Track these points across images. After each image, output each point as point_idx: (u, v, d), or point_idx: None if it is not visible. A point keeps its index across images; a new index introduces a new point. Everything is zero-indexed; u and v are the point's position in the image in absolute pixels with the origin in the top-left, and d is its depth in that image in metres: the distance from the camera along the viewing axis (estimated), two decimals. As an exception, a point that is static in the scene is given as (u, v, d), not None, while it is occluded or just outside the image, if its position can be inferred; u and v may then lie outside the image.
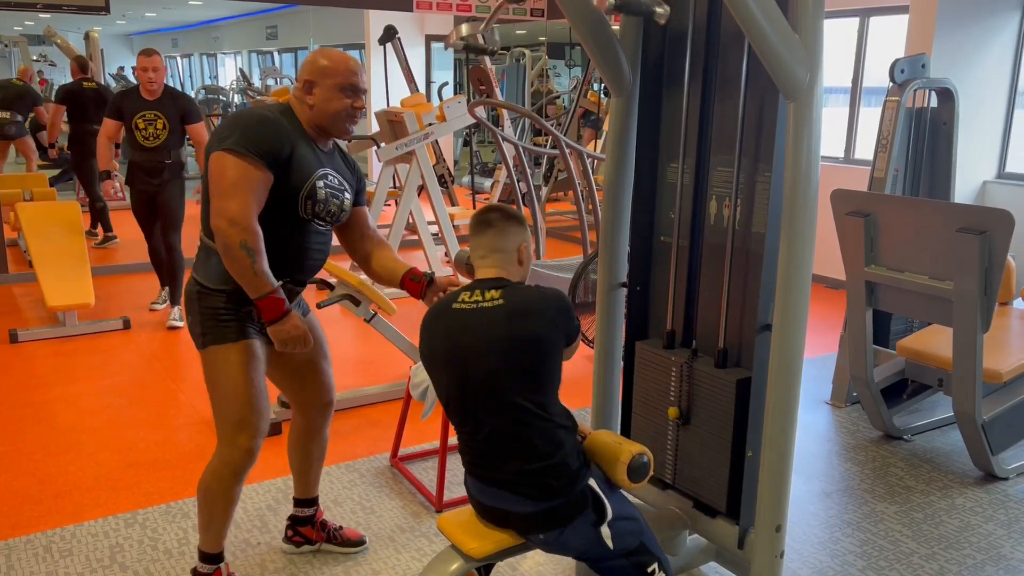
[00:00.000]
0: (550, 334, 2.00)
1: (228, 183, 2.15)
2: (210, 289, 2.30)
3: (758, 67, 2.15)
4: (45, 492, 3.19)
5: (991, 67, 5.63)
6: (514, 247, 2.13)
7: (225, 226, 2.14)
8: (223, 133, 2.21)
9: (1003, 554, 2.89)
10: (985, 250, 3.01)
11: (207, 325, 2.31)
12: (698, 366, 2.49)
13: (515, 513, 2.02)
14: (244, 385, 2.33)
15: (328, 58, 2.32)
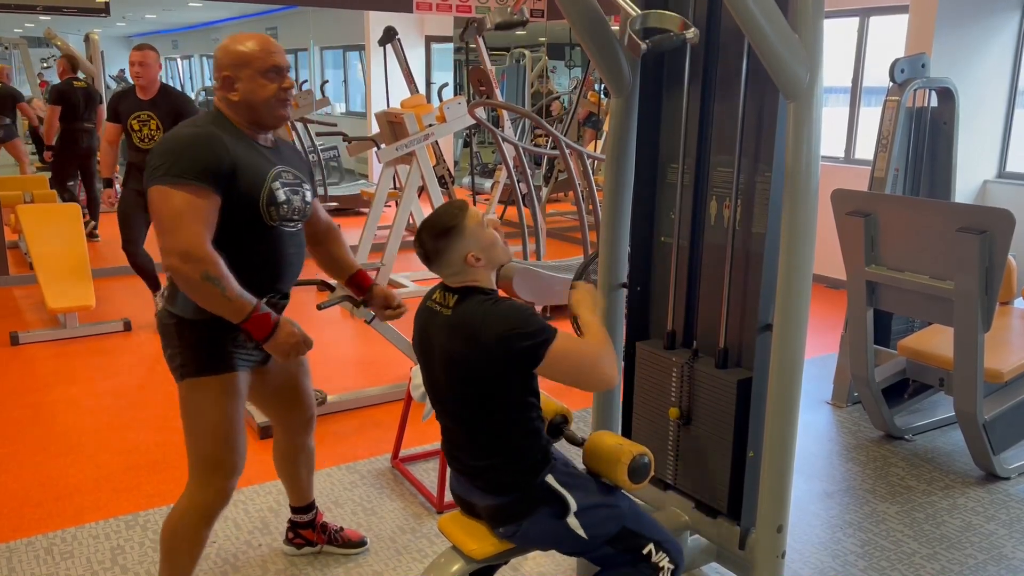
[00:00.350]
0: (481, 362, 1.90)
1: (172, 217, 1.98)
2: (189, 320, 2.14)
3: (758, 67, 2.15)
4: (46, 494, 3.19)
5: (991, 66, 5.62)
6: (459, 260, 1.96)
7: (179, 263, 1.98)
8: (155, 163, 2.03)
9: (1005, 554, 2.88)
10: (986, 249, 3.01)
11: (187, 356, 2.17)
12: (699, 366, 2.48)
13: (478, 505, 2.06)
14: (223, 422, 2.19)
15: (241, 44, 2.13)
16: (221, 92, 2.15)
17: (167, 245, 1.99)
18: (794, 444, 2.22)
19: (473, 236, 1.96)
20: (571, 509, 1.99)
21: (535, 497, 1.99)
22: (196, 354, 2.16)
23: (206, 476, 2.22)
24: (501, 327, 1.87)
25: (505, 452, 2.00)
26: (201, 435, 2.20)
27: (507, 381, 1.94)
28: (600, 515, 2.03)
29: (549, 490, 1.99)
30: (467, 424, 2.02)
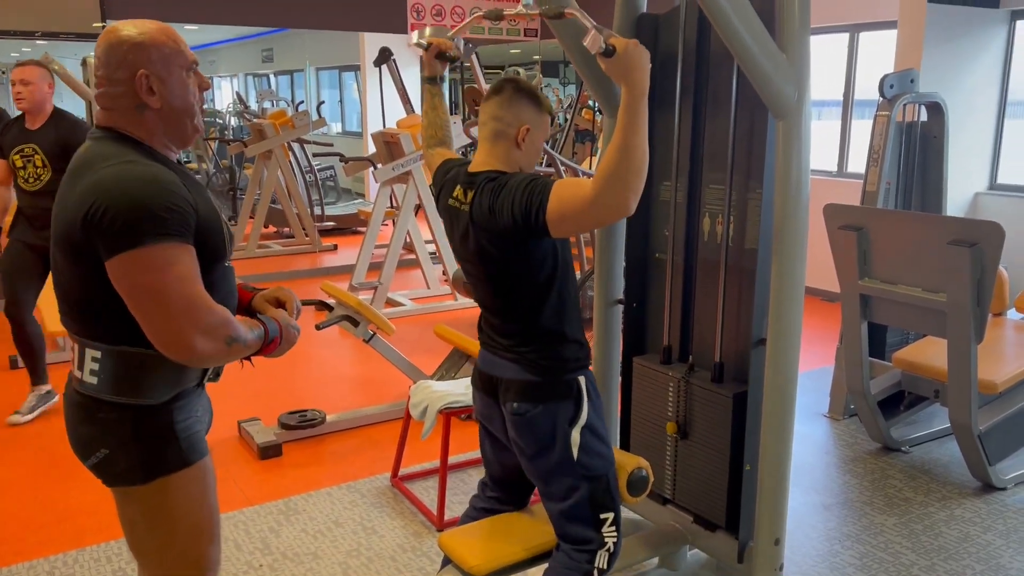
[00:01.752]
0: (500, 247, 1.93)
1: (181, 293, 1.54)
2: (155, 407, 1.67)
3: (747, 87, 2.19)
4: (47, 517, 3.20)
5: (980, 80, 5.69)
6: (514, 122, 1.97)
7: (205, 343, 1.56)
8: (121, 225, 1.50)
9: (1002, 564, 2.90)
10: (977, 262, 3.05)
11: (149, 452, 1.67)
12: (695, 381, 2.51)
13: (501, 379, 2.06)
14: (210, 515, 1.78)
15: (150, 35, 1.63)
16: (130, 100, 1.63)
17: (182, 327, 1.54)
18: (790, 457, 2.24)
19: (541, 123, 2.01)
20: (581, 420, 2.01)
21: (560, 389, 2.01)
22: (165, 446, 1.68)
23: None
24: (507, 203, 1.89)
25: (548, 341, 2.01)
26: (182, 541, 1.74)
27: (527, 256, 1.94)
28: (598, 448, 2.05)
29: (576, 390, 2.01)
30: (506, 313, 2.03)
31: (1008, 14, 5.65)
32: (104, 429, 1.66)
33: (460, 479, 3.48)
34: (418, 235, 6.67)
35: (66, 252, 1.60)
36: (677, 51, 2.47)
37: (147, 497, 1.68)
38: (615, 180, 1.72)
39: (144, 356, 1.62)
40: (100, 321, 1.62)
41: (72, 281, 1.62)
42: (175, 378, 1.67)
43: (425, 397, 3.19)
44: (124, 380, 1.63)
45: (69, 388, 1.72)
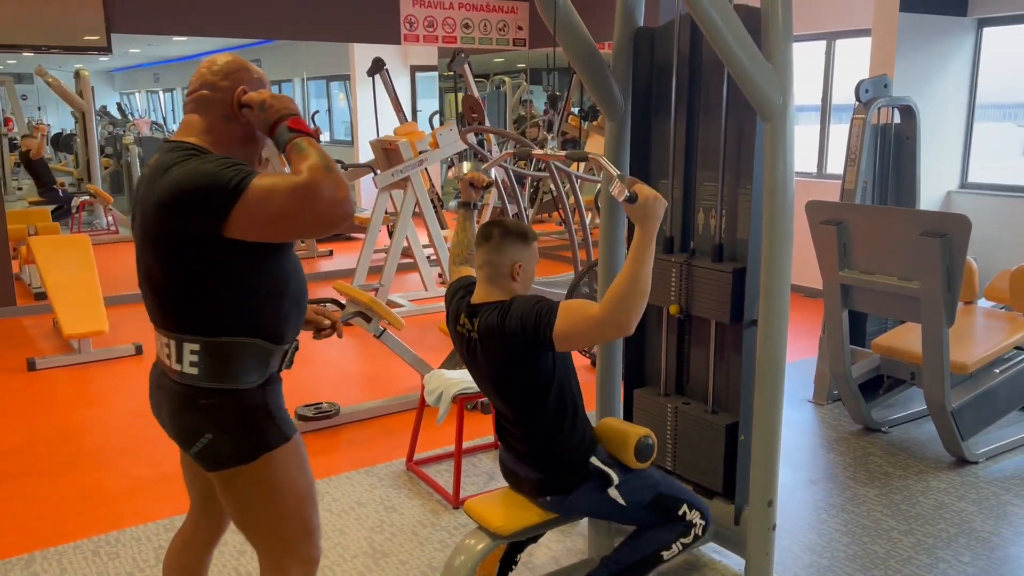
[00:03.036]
0: (507, 363, 2.18)
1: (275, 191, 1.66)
2: (244, 390, 1.82)
3: (737, 92, 2.44)
4: (86, 504, 3.40)
5: (950, 85, 6.00)
6: (507, 263, 2.23)
7: (330, 194, 1.65)
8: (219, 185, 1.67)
9: (974, 528, 3.16)
10: (946, 251, 3.32)
11: (252, 432, 1.84)
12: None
13: (525, 477, 2.35)
14: (309, 485, 1.94)
15: (261, 75, 1.90)
16: (222, 108, 1.83)
17: (306, 207, 1.65)
18: (780, 423, 2.48)
19: (531, 256, 2.28)
20: (613, 482, 2.29)
21: (581, 473, 2.29)
22: (260, 425, 1.85)
23: (303, 550, 1.95)
24: (517, 314, 2.15)
25: (554, 446, 2.28)
26: (292, 510, 1.90)
27: (531, 372, 2.20)
28: (638, 485, 2.34)
29: (595, 468, 2.29)
30: (520, 423, 2.31)
31: (975, 22, 5.97)
32: (207, 415, 1.81)
33: (472, 462, 3.71)
34: (416, 239, 6.89)
35: (158, 252, 1.76)
36: (672, 61, 2.72)
37: (255, 474, 1.83)
38: (623, 303, 1.99)
39: (238, 344, 1.79)
40: (196, 316, 1.77)
41: (166, 280, 1.77)
42: (263, 363, 1.84)
43: (440, 384, 3.41)
44: (222, 368, 1.79)
45: (162, 380, 1.87)
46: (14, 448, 3.98)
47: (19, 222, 6.94)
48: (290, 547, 1.92)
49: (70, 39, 7.14)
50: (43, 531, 3.19)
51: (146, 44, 16.90)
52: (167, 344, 1.83)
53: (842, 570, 2.88)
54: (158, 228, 1.74)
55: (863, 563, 2.92)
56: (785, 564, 2.91)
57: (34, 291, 6.81)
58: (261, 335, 1.82)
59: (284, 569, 1.93)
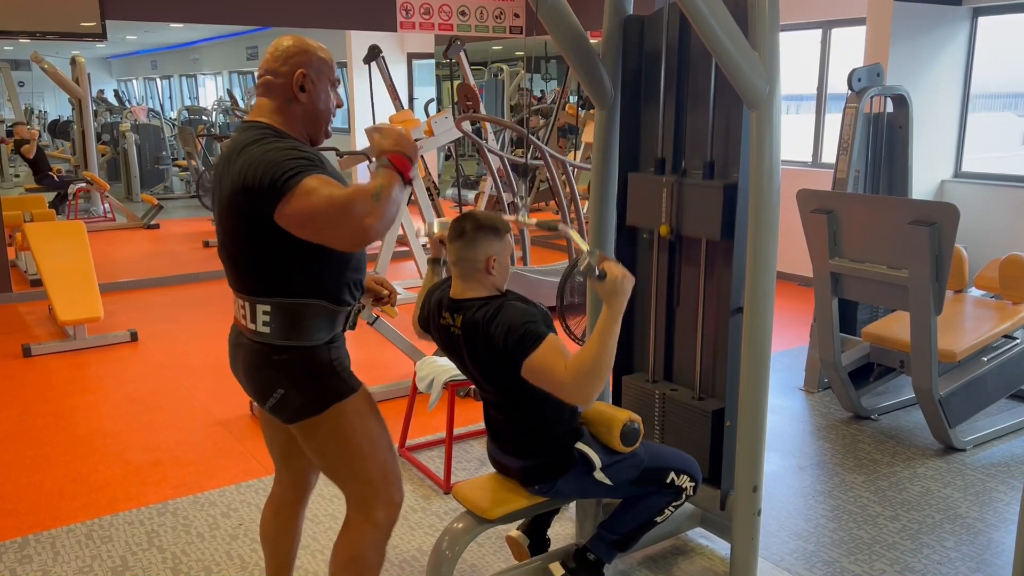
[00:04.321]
0: (499, 363, 2.16)
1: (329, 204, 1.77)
2: (312, 347, 1.98)
3: (725, 81, 2.46)
4: (79, 488, 3.43)
5: (944, 74, 6.00)
6: (481, 257, 2.20)
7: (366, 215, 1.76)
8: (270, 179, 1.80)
9: (960, 514, 3.19)
10: (935, 240, 3.34)
11: (321, 385, 1.99)
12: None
13: (512, 467, 2.39)
14: (382, 432, 2.10)
15: (319, 51, 2.00)
16: (285, 91, 1.96)
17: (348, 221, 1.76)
18: (765, 410, 2.51)
19: (504, 248, 2.25)
20: (597, 465, 2.32)
21: (567, 460, 2.32)
22: (331, 378, 2.01)
23: (385, 492, 2.10)
24: (508, 329, 2.12)
25: (541, 430, 2.31)
26: (369, 454, 2.06)
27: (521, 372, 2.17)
28: (623, 464, 2.38)
29: (579, 453, 2.32)
30: (506, 411, 2.34)
31: (970, 11, 5.96)
32: (279, 371, 1.98)
33: (463, 448, 3.74)
34: (411, 226, 6.89)
35: (233, 223, 1.92)
36: (661, 49, 2.73)
37: (328, 423, 2.01)
38: (587, 377, 2.02)
39: (304, 306, 1.96)
40: (266, 280, 1.95)
41: (239, 248, 1.95)
42: (328, 324, 2.01)
43: (431, 371, 3.44)
44: (291, 327, 1.96)
45: (240, 339, 2.06)
46: (8, 433, 4.00)
47: (15, 209, 6.95)
48: (373, 489, 2.08)
49: (65, 25, 7.13)
50: (36, 515, 3.22)
51: (143, 31, 16.86)
52: (243, 305, 2.01)
53: (827, 555, 2.91)
54: (232, 203, 1.90)
55: (848, 548, 2.95)
56: (771, 549, 2.94)
57: (30, 278, 6.82)
58: (325, 297, 1.98)
59: (369, 510, 2.09)
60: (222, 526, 3.11)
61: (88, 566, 2.86)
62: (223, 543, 3.00)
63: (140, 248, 8.78)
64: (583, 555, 2.50)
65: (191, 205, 11.67)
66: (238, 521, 3.15)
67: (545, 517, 2.73)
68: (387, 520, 2.11)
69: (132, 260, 8.12)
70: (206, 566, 2.86)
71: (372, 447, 2.07)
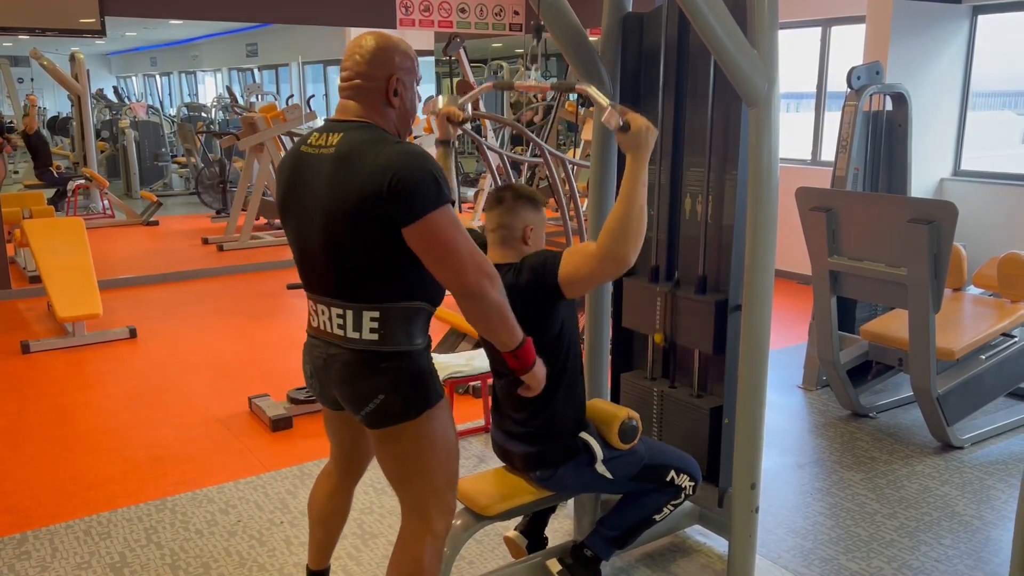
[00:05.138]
0: (531, 304, 2.18)
1: (466, 240, 1.84)
2: (414, 351, 1.97)
3: (723, 79, 2.46)
4: (78, 485, 3.43)
5: (944, 73, 6.00)
6: (519, 226, 2.29)
7: (489, 285, 1.85)
8: (422, 193, 1.80)
9: (957, 511, 3.20)
10: (933, 238, 3.34)
11: (418, 390, 1.97)
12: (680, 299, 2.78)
13: (516, 452, 2.39)
14: (456, 441, 2.10)
15: (404, 45, 1.97)
16: (379, 96, 1.93)
17: (471, 270, 1.83)
18: (764, 407, 2.51)
19: (540, 220, 2.32)
20: (599, 457, 2.33)
21: (571, 448, 2.32)
22: (426, 383, 1.99)
23: (448, 501, 2.08)
24: (527, 274, 2.22)
25: (550, 411, 2.30)
26: (444, 461, 2.05)
27: (549, 319, 2.23)
28: (624, 459, 2.38)
29: (583, 443, 2.33)
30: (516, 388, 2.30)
31: (970, 9, 5.97)
32: (387, 377, 1.94)
33: (462, 446, 3.74)
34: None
35: (350, 226, 1.84)
36: (660, 47, 2.73)
37: (418, 429, 1.98)
38: (620, 235, 2.05)
39: (411, 309, 1.94)
40: (380, 284, 1.90)
41: (353, 253, 1.87)
42: (426, 326, 2.01)
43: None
44: (399, 332, 1.93)
45: (332, 351, 1.97)
46: (7, 430, 4.01)
47: (14, 205, 6.95)
48: (438, 496, 2.05)
49: (64, 21, 7.12)
50: (35, 511, 3.22)
51: (143, 27, 16.85)
52: (341, 315, 1.94)
53: (825, 552, 2.92)
54: (363, 205, 1.81)
55: (846, 546, 2.96)
56: (769, 546, 2.95)
57: (29, 274, 6.82)
58: (426, 298, 1.97)
59: (430, 519, 2.05)
60: (220, 523, 3.12)
61: (87, 562, 2.87)
62: (221, 539, 3.01)
63: (139, 245, 8.78)
64: (581, 551, 2.51)
65: (190, 202, 11.67)
66: (236, 518, 3.15)
67: (542, 516, 2.73)
68: (446, 529, 2.09)
69: (131, 257, 8.12)
70: (204, 562, 2.86)
71: (448, 454, 2.05)
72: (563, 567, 2.52)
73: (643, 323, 2.89)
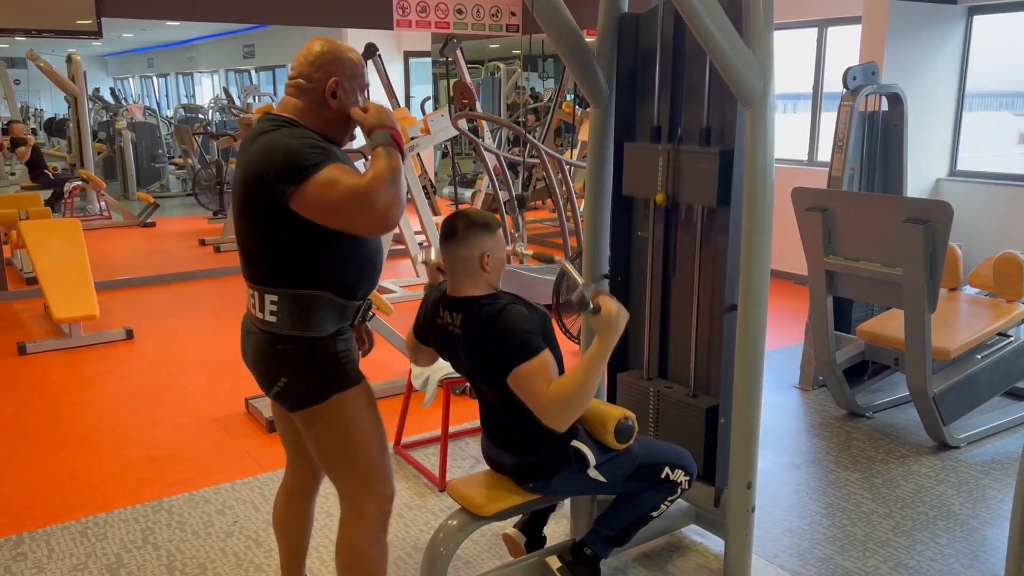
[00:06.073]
0: (493, 365, 2.18)
1: (348, 194, 1.84)
2: (323, 338, 2.03)
3: (719, 79, 2.46)
4: (74, 485, 3.43)
5: (940, 73, 6.01)
6: (476, 255, 2.20)
7: (387, 201, 1.83)
8: (284, 168, 1.86)
9: (953, 511, 3.20)
10: (929, 238, 3.34)
11: (324, 375, 2.04)
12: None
13: (507, 464, 2.39)
14: (378, 427, 2.15)
15: (351, 54, 2.02)
16: (316, 98, 1.99)
17: (370, 209, 1.83)
18: (759, 407, 2.51)
19: (496, 243, 2.25)
20: (591, 463, 2.33)
21: (561, 457, 2.32)
22: (335, 370, 2.05)
23: (377, 486, 2.14)
24: (503, 332, 2.15)
25: (536, 427, 2.25)
26: (363, 448, 2.10)
27: (520, 377, 2.17)
28: (616, 462, 2.38)
29: (574, 451, 2.32)
30: (501, 409, 2.33)
31: (966, 10, 5.98)
32: (284, 360, 2.03)
33: (459, 446, 3.74)
34: (407, 225, 6.90)
35: (246, 212, 1.98)
36: (656, 47, 2.74)
37: (327, 413, 2.06)
38: (566, 404, 2.09)
39: (313, 297, 2.00)
40: (275, 270, 1.99)
41: (251, 237, 2.01)
42: (336, 316, 2.05)
43: (427, 369, 3.44)
44: (298, 317, 2.01)
45: (250, 328, 2.10)
46: (3, 430, 4.00)
47: (10, 207, 6.93)
48: (364, 482, 2.12)
49: (61, 23, 7.11)
50: (31, 512, 3.22)
51: (139, 29, 16.84)
52: (252, 295, 2.06)
53: (821, 551, 2.92)
54: (247, 189, 1.95)
55: (842, 545, 2.96)
56: (765, 546, 2.95)
57: (25, 276, 6.82)
58: (333, 290, 2.02)
59: (360, 504, 2.13)
60: (217, 523, 3.11)
61: (83, 564, 2.86)
62: (218, 540, 3.01)
63: (136, 246, 8.77)
64: (580, 549, 2.51)
65: (187, 203, 11.66)
66: (233, 518, 3.15)
67: (541, 514, 2.73)
68: (378, 513, 2.14)
69: (128, 258, 8.11)
70: (201, 563, 2.86)
71: (367, 440, 2.11)
72: (563, 564, 2.52)
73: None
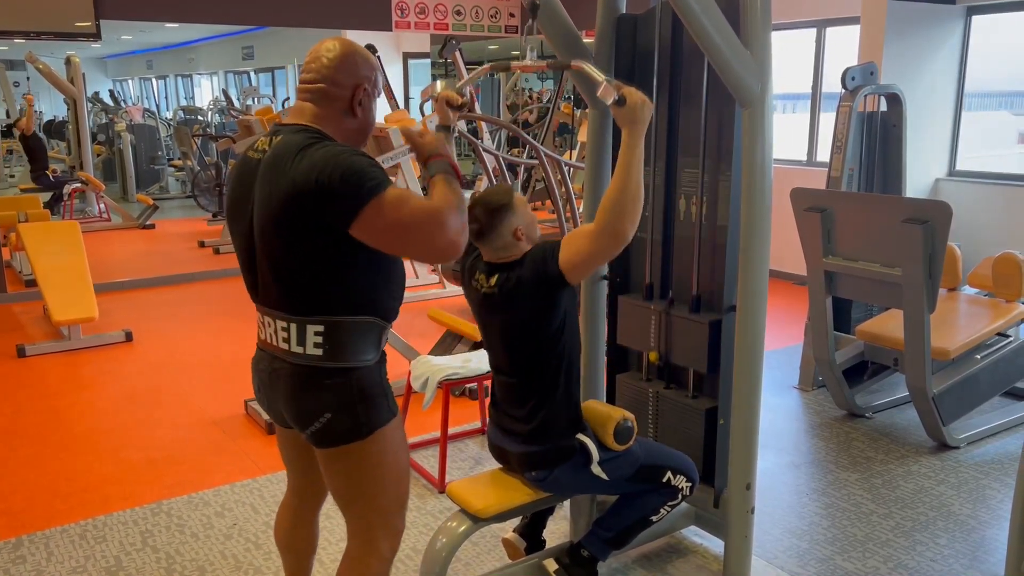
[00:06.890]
0: (525, 312, 2.23)
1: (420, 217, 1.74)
2: (363, 367, 1.88)
3: (717, 80, 2.46)
4: (73, 487, 3.43)
5: (939, 73, 6.01)
6: (508, 234, 2.26)
7: (456, 234, 1.76)
8: (355, 183, 1.70)
9: (953, 511, 3.20)
10: (928, 238, 3.34)
11: (368, 409, 1.88)
12: (675, 312, 2.79)
13: (512, 452, 2.38)
14: (407, 461, 2.03)
15: (371, 57, 1.91)
16: (343, 104, 1.86)
17: (433, 237, 1.74)
18: (759, 408, 2.51)
19: (520, 213, 2.29)
20: (595, 459, 2.33)
21: (567, 448, 2.32)
22: (376, 402, 1.90)
23: (394, 520, 2.01)
24: (537, 259, 2.23)
25: (549, 410, 2.29)
26: (393, 483, 1.97)
27: (551, 309, 2.23)
28: (620, 461, 2.38)
29: (580, 443, 2.33)
30: (518, 389, 2.33)
31: (964, 9, 5.98)
32: (332, 394, 1.84)
33: (458, 448, 3.74)
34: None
35: (286, 235, 1.76)
36: (654, 48, 2.74)
37: (367, 448, 1.89)
38: (618, 209, 2.05)
39: (358, 323, 1.84)
40: (321, 296, 1.80)
41: (291, 261, 1.79)
42: (378, 340, 1.90)
43: (426, 370, 3.44)
44: (344, 347, 1.83)
45: (276, 365, 1.89)
46: (3, 432, 4.00)
47: (9, 209, 6.94)
48: (384, 518, 1.98)
49: (59, 25, 7.12)
50: (30, 514, 3.21)
51: (138, 31, 16.84)
52: (285, 328, 1.85)
53: (821, 552, 2.92)
54: (290, 209, 1.74)
55: (842, 545, 2.96)
56: (765, 547, 2.95)
57: (24, 278, 6.82)
58: (378, 313, 1.88)
59: (375, 540, 1.98)
60: (216, 526, 3.11)
61: (82, 566, 2.86)
62: (217, 543, 3.00)
63: (135, 248, 8.77)
64: (577, 552, 2.51)
65: (187, 205, 11.66)
66: (232, 521, 3.15)
67: (540, 518, 2.73)
68: (392, 551, 2.02)
69: (127, 260, 8.11)
70: (200, 566, 2.86)
71: (398, 475, 1.98)
72: (560, 567, 2.52)
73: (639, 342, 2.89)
